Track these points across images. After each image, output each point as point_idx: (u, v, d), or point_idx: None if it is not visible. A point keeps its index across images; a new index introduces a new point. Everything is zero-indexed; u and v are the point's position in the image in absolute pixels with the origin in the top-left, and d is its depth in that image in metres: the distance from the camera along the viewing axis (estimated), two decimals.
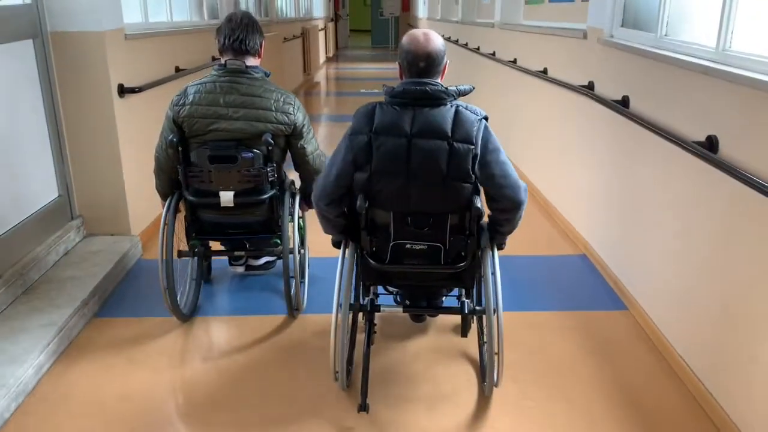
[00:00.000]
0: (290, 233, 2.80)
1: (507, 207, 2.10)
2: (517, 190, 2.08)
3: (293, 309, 2.91)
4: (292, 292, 2.85)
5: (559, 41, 4.30)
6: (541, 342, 2.76)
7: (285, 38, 9.52)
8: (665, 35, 2.87)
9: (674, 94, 2.62)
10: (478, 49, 7.42)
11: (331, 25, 18.98)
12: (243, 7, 7.35)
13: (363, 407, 2.27)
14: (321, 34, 15.48)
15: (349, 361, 2.48)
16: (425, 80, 2.06)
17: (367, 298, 2.44)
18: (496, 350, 2.20)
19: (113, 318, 2.98)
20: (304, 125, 2.71)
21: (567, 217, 4.10)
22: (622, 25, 3.38)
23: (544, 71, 4.56)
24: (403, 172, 2.03)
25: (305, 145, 2.73)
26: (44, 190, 3.31)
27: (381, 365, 2.59)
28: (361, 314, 2.53)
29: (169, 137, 2.59)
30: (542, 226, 4.22)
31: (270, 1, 9.06)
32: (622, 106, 3.09)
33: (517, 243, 3.76)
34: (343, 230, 2.27)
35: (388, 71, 15.36)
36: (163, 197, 2.82)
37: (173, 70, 4.38)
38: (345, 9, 23.67)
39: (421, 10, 17.15)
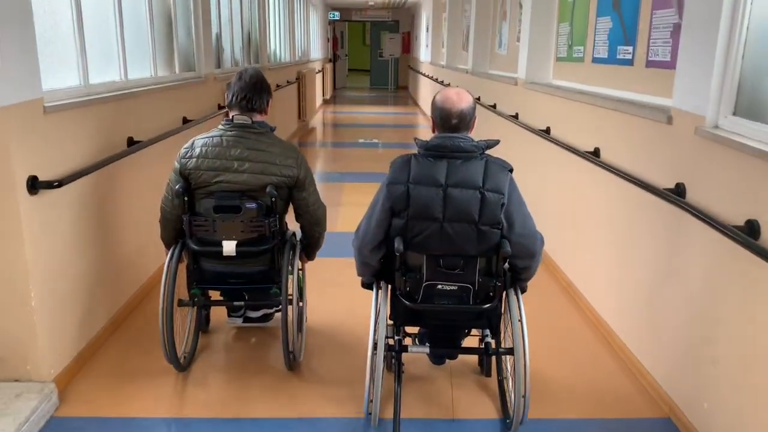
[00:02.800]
0: (290, 285, 2.79)
1: (522, 255, 2.30)
2: (534, 241, 2.30)
3: (290, 359, 2.87)
4: (291, 345, 2.83)
5: (620, 118, 3.34)
6: None
7: (278, 85, 8.61)
8: None
9: None
10: (494, 106, 6.50)
11: (329, 66, 18.22)
12: (228, 53, 6.45)
13: None
14: (318, 77, 14.65)
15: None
16: (457, 136, 2.26)
17: (396, 338, 2.54)
18: (522, 392, 2.29)
19: None
20: (306, 178, 2.79)
21: (643, 361, 3.01)
22: (734, 113, 2.43)
23: (595, 152, 3.61)
24: (438, 218, 2.20)
25: (307, 197, 2.82)
26: None
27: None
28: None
29: (176, 187, 2.63)
30: (607, 369, 3.10)
31: (261, 48, 8.18)
32: (747, 235, 2.13)
33: (577, 398, 2.77)
34: (375, 273, 2.46)
35: (388, 116, 14.58)
36: (167, 246, 2.82)
37: (125, 144, 3.42)
38: (344, 49, 23.06)
39: (423, 53, 16.38)
